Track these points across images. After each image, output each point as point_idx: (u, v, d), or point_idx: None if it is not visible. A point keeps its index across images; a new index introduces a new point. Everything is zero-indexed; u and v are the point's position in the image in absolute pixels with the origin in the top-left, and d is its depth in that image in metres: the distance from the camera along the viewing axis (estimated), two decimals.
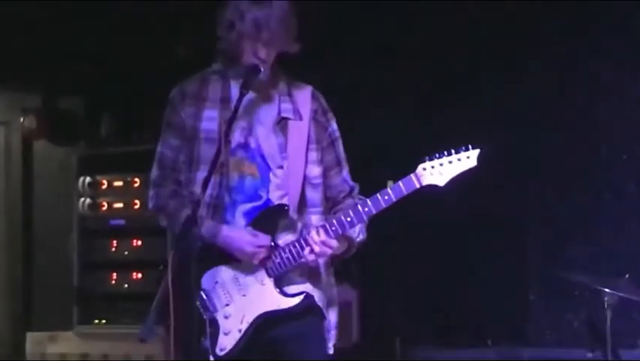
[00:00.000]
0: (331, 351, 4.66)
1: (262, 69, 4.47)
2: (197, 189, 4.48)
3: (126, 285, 7.15)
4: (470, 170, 4.33)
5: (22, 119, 7.81)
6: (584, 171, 7.02)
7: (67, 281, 7.25)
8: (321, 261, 4.62)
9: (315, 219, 4.60)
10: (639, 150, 6.86)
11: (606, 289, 5.51)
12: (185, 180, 4.53)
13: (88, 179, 7.27)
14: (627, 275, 5.64)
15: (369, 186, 4.67)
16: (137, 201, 7.16)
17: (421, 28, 7.27)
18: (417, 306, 7.19)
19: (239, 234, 4.54)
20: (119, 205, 7.23)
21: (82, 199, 7.27)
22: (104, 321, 7.17)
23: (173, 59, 7.11)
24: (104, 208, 7.26)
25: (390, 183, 5.80)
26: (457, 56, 7.28)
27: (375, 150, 6.60)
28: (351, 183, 4.72)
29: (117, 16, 7.04)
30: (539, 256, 7.10)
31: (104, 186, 7.28)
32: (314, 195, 4.65)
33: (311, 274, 4.62)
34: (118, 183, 7.23)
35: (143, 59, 7.12)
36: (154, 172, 4.71)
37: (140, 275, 7.10)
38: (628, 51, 6.90)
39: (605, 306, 5.52)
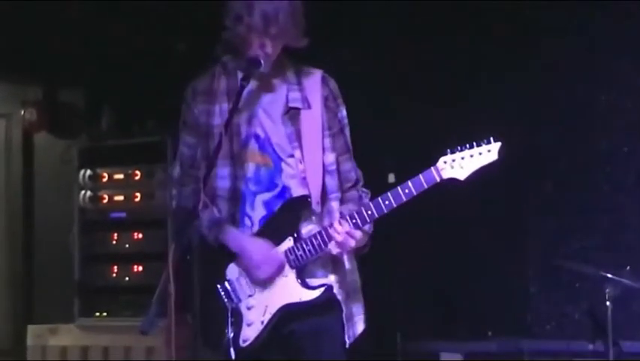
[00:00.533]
0: (348, 344, 4.62)
1: (262, 62, 4.44)
2: (217, 183, 4.56)
3: (127, 278, 7.14)
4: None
5: (22, 112, 7.80)
6: (584, 164, 7.02)
7: (68, 274, 7.24)
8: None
9: (335, 205, 4.60)
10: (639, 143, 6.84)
11: (608, 275, 5.53)
12: (204, 177, 4.44)
13: (88, 172, 7.25)
14: (628, 267, 5.66)
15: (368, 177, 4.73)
16: (137, 194, 7.14)
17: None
18: (417, 299, 7.19)
19: (251, 243, 4.56)
20: (120, 198, 7.20)
21: (82, 192, 7.25)
22: (105, 314, 7.16)
23: (173, 52, 7.09)
24: (105, 201, 7.24)
25: (391, 175, 5.77)
26: (460, 52, 7.28)
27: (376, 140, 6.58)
28: (358, 172, 4.72)
29: (117, 9, 7.02)
30: (540, 247, 7.09)
31: (105, 179, 7.25)
32: (331, 182, 4.63)
33: (334, 264, 4.63)
34: (119, 176, 7.21)
35: (143, 53, 7.14)
36: (176, 170, 4.75)
37: (140, 268, 7.09)
38: (628, 42, 6.88)
39: (606, 298, 5.56)
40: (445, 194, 4.35)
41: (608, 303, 5.54)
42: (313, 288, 4.51)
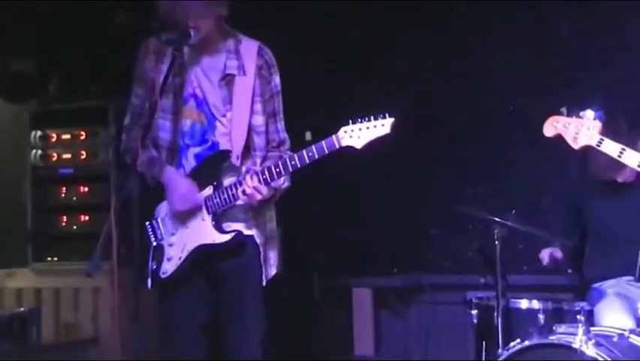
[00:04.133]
0: (264, 283, 4.72)
1: (192, 34, 4.49)
2: (159, 133, 4.64)
3: (75, 226, 7.06)
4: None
5: None
6: (477, 121, 7.05)
7: (23, 224, 7.20)
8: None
9: (258, 162, 4.67)
10: (524, 102, 6.87)
11: (496, 218, 5.57)
12: (144, 125, 4.53)
13: (39, 133, 7.16)
14: (513, 211, 5.70)
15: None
16: (83, 152, 7.05)
17: None
18: (332, 243, 7.23)
19: (178, 179, 4.63)
20: (68, 156, 7.11)
21: (34, 151, 7.17)
22: (55, 258, 7.07)
23: (114, 24, 7.05)
24: (54, 159, 7.15)
25: (308, 134, 5.83)
26: (368, 27, 7.32)
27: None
28: (283, 135, 4.78)
29: None
30: (438, 194, 7.11)
31: (54, 139, 7.16)
32: (259, 141, 4.71)
33: (253, 213, 4.70)
34: (66, 137, 7.12)
35: (87, 25, 7.04)
36: (126, 119, 4.79)
37: (87, 218, 7.02)
38: (516, 9, 6.87)
39: (495, 237, 5.57)
40: (359, 152, 4.44)
41: (496, 242, 5.51)
42: (226, 232, 4.60)
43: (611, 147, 4.71)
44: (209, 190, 4.62)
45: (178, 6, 4.45)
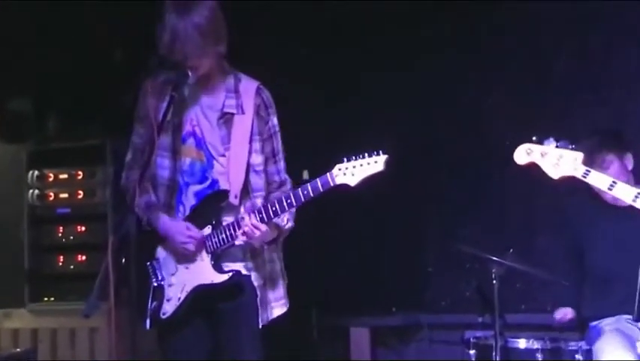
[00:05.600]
0: (261, 325, 4.66)
1: (190, 74, 4.46)
2: (158, 172, 4.61)
3: (72, 266, 7.10)
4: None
5: None
6: (472, 159, 7.05)
7: (20, 264, 7.17)
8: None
9: (259, 202, 4.61)
10: (520, 139, 6.86)
11: (494, 258, 5.59)
12: (143, 164, 4.46)
13: (36, 172, 7.22)
14: (511, 250, 5.69)
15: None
16: (80, 192, 7.13)
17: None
18: (331, 281, 7.21)
19: (175, 225, 4.58)
20: (65, 195, 7.17)
21: (31, 191, 7.21)
22: (52, 299, 7.12)
23: (112, 63, 7.05)
24: (51, 198, 7.20)
25: (305, 173, 5.80)
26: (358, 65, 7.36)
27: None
28: (284, 176, 4.74)
29: (59, 25, 6.96)
30: (437, 233, 7.11)
31: (51, 179, 7.22)
32: (258, 181, 4.68)
33: (252, 253, 4.65)
34: (63, 176, 7.18)
35: (86, 64, 7.05)
36: (128, 156, 4.75)
37: (84, 257, 7.07)
38: (509, 46, 6.93)
39: (493, 276, 5.60)
40: (358, 191, 4.42)
41: (494, 281, 5.57)
42: (224, 272, 4.56)
43: (599, 180, 4.58)
44: (208, 230, 4.57)
45: (177, 45, 4.39)
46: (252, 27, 6.52)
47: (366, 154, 4.33)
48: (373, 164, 4.32)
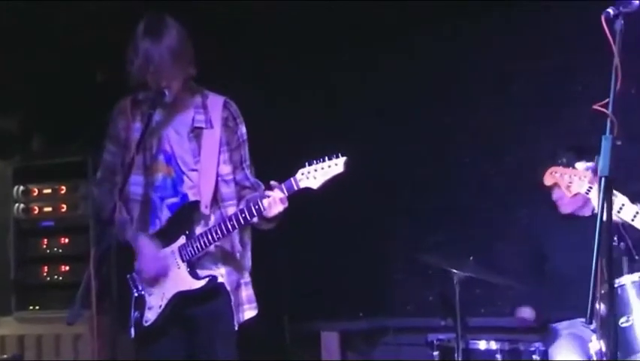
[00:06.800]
0: (236, 327, 4.68)
1: (167, 93, 4.49)
2: (131, 189, 4.60)
3: (56, 276, 7.03)
4: (341, 175, 4.35)
5: None
6: (435, 173, 7.06)
7: (6, 274, 7.13)
8: (235, 246, 4.68)
9: (230, 210, 4.64)
10: (478, 154, 6.94)
11: (454, 270, 5.62)
12: (122, 181, 4.47)
13: (21, 187, 7.18)
14: (471, 258, 5.72)
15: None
16: (63, 206, 7.07)
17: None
18: (302, 288, 7.17)
19: (147, 251, 4.59)
20: (49, 209, 7.11)
21: (16, 205, 7.17)
22: (37, 307, 7.05)
23: (93, 84, 7.04)
24: (36, 212, 7.14)
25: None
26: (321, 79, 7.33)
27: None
28: (253, 179, 4.77)
29: (43, 48, 6.95)
30: (403, 243, 7.09)
31: (35, 193, 7.16)
32: (227, 190, 4.70)
33: (225, 258, 4.68)
34: (47, 191, 7.13)
35: (67, 86, 7.04)
36: (98, 173, 4.78)
37: (67, 268, 7.01)
38: (474, 66, 6.93)
39: (455, 283, 5.62)
40: (327, 202, 4.44)
41: (456, 287, 5.57)
42: (200, 278, 4.58)
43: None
44: (182, 240, 4.60)
45: (151, 67, 4.45)
46: (215, 41, 6.52)
47: (326, 158, 4.39)
48: (334, 166, 4.37)
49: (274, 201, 4.42)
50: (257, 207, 4.44)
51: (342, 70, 7.31)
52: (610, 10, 3.44)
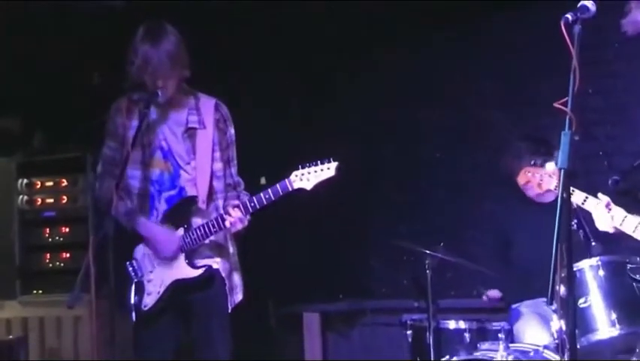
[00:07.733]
0: (230, 309, 4.80)
1: (160, 93, 4.56)
2: (131, 182, 4.69)
3: (57, 263, 7.02)
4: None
5: None
6: (410, 167, 7.13)
7: (11, 261, 7.15)
8: (228, 237, 4.79)
9: (220, 203, 4.77)
10: (450, 150, 6.96)
11: (427, 251, 5.63)
12: (119, 175, 4.52)
13: (25, 181, 7.15)
14: (442, 244, 5.77)
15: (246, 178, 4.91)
16: (64, 197, 7.05)
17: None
18: (284, 273, 7.21)
19: (162, 234, 4.68)
20: (50, 201, 7.09)
21: (20, 197, 7.16)
22: (40, 291, 7.03)
23: (91, 84, 7.09)
24: (39, 203, 7.12)
25: (262, 179, 5.89)
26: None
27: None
28: (237, 178, 4.86)
29: (44, 51, 6.99)
30: (380, 231, 7.14)
31: (38, 186, 7.14)
32: (219, 185, 4.80)
33: (218, 248, 4.79)
34: (49, 184, 7.10)
35: (66, 86, 7.06)
36: (98, 168, 4.82)
37: (68, 255, 6.97)
38: (451, 66, 6.91)
39: (427, 267, 5.64)
40: (312, 195, 4.53)
41: (427, 271, 5.59)
42: (198, 267, 4.67)
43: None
44: (180, 232, 4.68)
45: (148, 69, 4.51)
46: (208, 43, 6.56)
47: (319, 162, 4.48)
48: (326, 170, 4.50)
49: (234, 222, 4.53)
50: (222, 223, 4.56)
51: (323, 71, 7.31)
52: (569, 16, 3.52)
